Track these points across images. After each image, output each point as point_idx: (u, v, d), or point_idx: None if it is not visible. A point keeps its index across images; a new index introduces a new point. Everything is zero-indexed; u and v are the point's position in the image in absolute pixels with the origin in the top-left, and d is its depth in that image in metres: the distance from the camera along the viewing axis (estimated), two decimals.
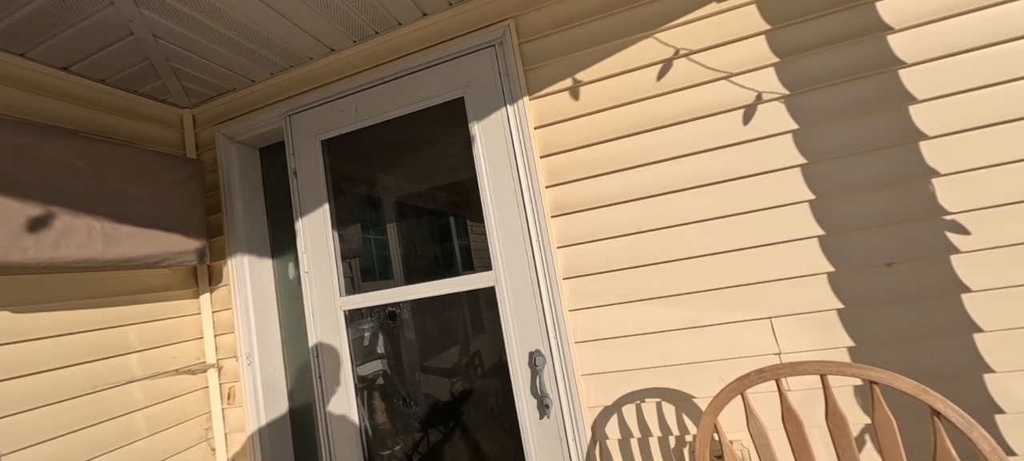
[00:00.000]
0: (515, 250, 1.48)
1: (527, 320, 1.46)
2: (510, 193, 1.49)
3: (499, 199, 1.51)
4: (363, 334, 2.01)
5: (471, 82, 1.56)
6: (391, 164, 1.92)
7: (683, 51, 1.37)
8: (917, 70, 1.20)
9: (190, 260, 1.72)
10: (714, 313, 1.33)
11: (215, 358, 1.95)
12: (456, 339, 1.80)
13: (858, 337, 1.22)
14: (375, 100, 1.68)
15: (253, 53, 1.73)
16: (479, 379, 1.77)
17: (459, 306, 1.77)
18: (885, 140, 1.21)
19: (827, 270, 1.24)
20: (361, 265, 2.05)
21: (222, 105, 2.00)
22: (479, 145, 1.54)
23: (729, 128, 1.33)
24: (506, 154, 1.50)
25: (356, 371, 1.69)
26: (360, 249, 2.09)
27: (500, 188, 1.51)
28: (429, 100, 1.62)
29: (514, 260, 1.48)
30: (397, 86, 1.66)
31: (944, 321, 1.16)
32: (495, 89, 1.52)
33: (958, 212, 1.16)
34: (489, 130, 1.53)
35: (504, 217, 1.50)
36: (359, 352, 1.91)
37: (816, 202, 1.26)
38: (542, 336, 1.44)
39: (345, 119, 1.68)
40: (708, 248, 1.34)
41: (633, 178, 1.41)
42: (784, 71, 1.29)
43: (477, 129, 1.55)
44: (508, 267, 1.49)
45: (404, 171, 1.93)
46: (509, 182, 1.49)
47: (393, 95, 1.66)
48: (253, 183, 2.04)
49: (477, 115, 1.55)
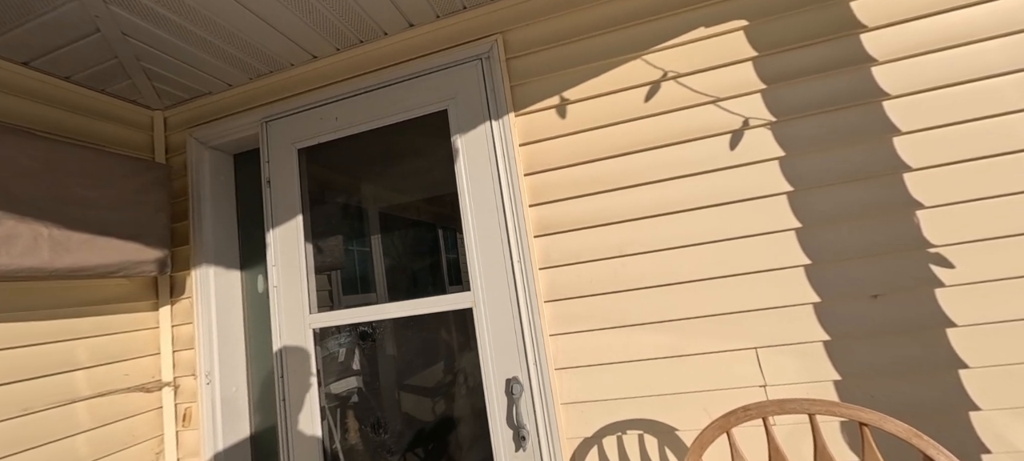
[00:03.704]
0: (495, 270, 1.42)
1: (505, 344, 1.39)
2: (492, 210, 1.44)
3: (480, 216, 1.45)
4: (337, 351, 1.91)
5: (456, 95, 1.52)
6: (371, 176, 1.86)
7: (671, 73, 1.36)
8: (901, 102, 1.20)
9: (149, 270, 1.62)
10: (699, 342, 1.29)
11: (172, 375, 1.83)
12: (432, 362, 1.72)
13: (844, 369, 1.19)
14: (356, 109, 1.62)
15: (230, 56, 1.66)
16: (454, 404, 1.69)
17: (437, 326, 1.69)
18: (870, 170, 1.20)
19: (813, 300, 1.22)
20: (340, 278, 1.97)
21: (196, 108, 1.92)
22: (461, 160, 1.49)
23: (716, 153, 1.31)
24: (489, 170, 1.45)
25: (328, 389, 1.59)
26: (341, 261, 2.01)
27: (481, 205, 1.46)
28: (412, 111, 1.57)
29: (494, 280, 1.42)
30: (380, 95, 1.61)
31: (929, 355, 1.14)
32: (480, 103, 1.49)
33: (943, 245, 1.15)
34: (472, 145, 1.49)
35: (485, 235, 1.44)
36: (331, 370, 1.81)
37: (802, 230, 1.24)
38: (520, 362, 1.37)
39: (325, 127, 1.62)
40: (693, 274, 1.30)
41: (618, 200, 1.37)
42: (771, 98, 1.28)
43: (460, 143, 1.50)
44: (487, 288, 1.43)
45: (384, 184, 1.87)
46: (491, 199, 1.44)
47: (375, 105, 1.61)
48: (225, 191, 1.95)
49: (460, 129, 1.50)
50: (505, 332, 1.40)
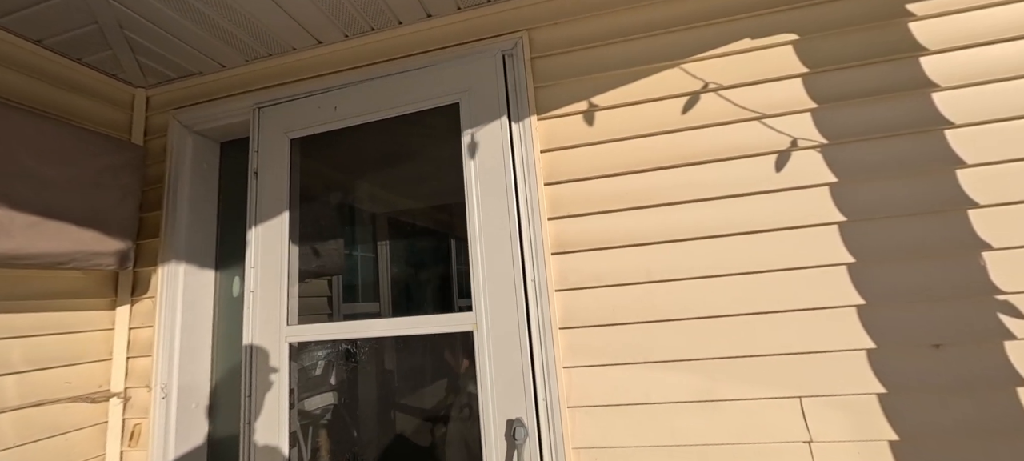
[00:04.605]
0: (503, 289, 1.26)
1: (510, 377, 1.21)
2: (503, 220, 1.28)
3: (490, 227, 1.30)
4: (314, 366, 1.70)
5: (470, 88, 1.37)
6: (371, 175, 1.70)
7: (713, 85, 1.24)
8: (965, 132, 1.10)
9: (107, 263, 1.41)
10: (734, 386, 1.13)
11: (123, 386, 1.59)
12: (423, 388, 1.53)
13: (901, 428, 1.04)
14: (358, 98, 1.46)
15: (227, 33, 1.51)
16: (446, 442, 1.49)
17: (437, 348, 1.50)
18: (932, 205, 1.09)
19: (867, 346, 1.08)
20: (341, 285, 1.78)
21: (183, 89, 1.75)
22: (472, 162, 1.34)
23: (759, 174, 1.18)
24: (503, 176, 1.30)
25: (301, 407, 1.38)
26: (340, 266, 1.83)
27: (491, 213, 1.30)
28: (420, 103, 1.41)
29: (501, 301, 1.25)
30: (384, 84, 1.45)
31: (998, 417, 1.00)
32: (497, 99, 1.34)
33: (1013, 292, 1.03)
34: (485, 145, 1.34)
35: (494, 248, 1.28)
36: (307, 385, 1.59)
37: (855, 266, 1.11)
38: (527, 398, 1.19)
39: (322, 117, 1.45)
40: (729, 308, 1.15)
41: (648, 219, 1.23)
42: (822, 118, 1.17)
43: (471, 142, 1.35)
44: (493, 309, 1.26)
45: (386, 185, 1.71)
46: (503, 207, 1.29)
47: (379, 94, 1.45)
48: (207, 181, 1.77)
49: (473, 126, 1.35)
50: (511, 362, 1.22)
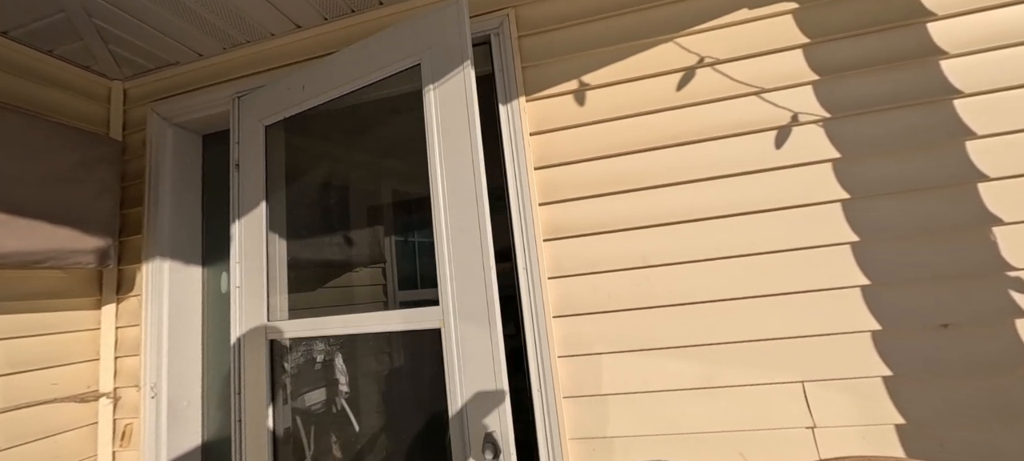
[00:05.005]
0: (472, 274, 1.06)
1: (482, 382, 1.01)
2: (470, 193, 1.09)
3: (456, 201, 1.10)
4: (312, 360, 1.65)
5: (430, 44, 1.18)
6: (342, 156, 1.62)
7: (708, 59, 1.19)
8: (975, 101, 1.04)
9: (86, 261, 1.37)
10: (735, 372, 1.09)
11: (112, 386, 1.56)
12: (422, 387, 1.48)
13: (908, 412, 1.00)
14: (323, 73, 1.34)
15: (201, 20, 1.45)
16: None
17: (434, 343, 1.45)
18: (940, 179, 1.04)
19: (872, 327, 1.03)
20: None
21: (161, 80, 1.69)
22: (434, 125, 1.14)
23: (759, 151, 1.13)
24: (467, 138, 1.10)
25: (299, 402, 1.34)
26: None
27: (458, 186, 1.10)
28: (382, 70, 1.24)
29: (471, 288, 1.06)
30: (346, 56, 1.31)
31: (1010, 399, 0.96)
32: (459, 50, 1.13)
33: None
34: (448, 104, 1.14)
35: (462, 229, 1.08)
36: (305, 381, 1.55)
37: (859, 245, 1.06)
38: (501, 409, 1.00)
39: (292, 99, 1.37)
40: (730, 292, 1.11)
41: (644, 201, 1.18)
42: (824, 91, 1.11)
43: (432, 102, 1.16)
44: (461, 299, 1.07)
45: (366, 166, 1.64)
46: (468, 175, 1.09)
47: (341, 66, 1.31)
48: (190, 174, 1.72)
49: (433, 81, 1.16)
50: (483, 364, 1.02)
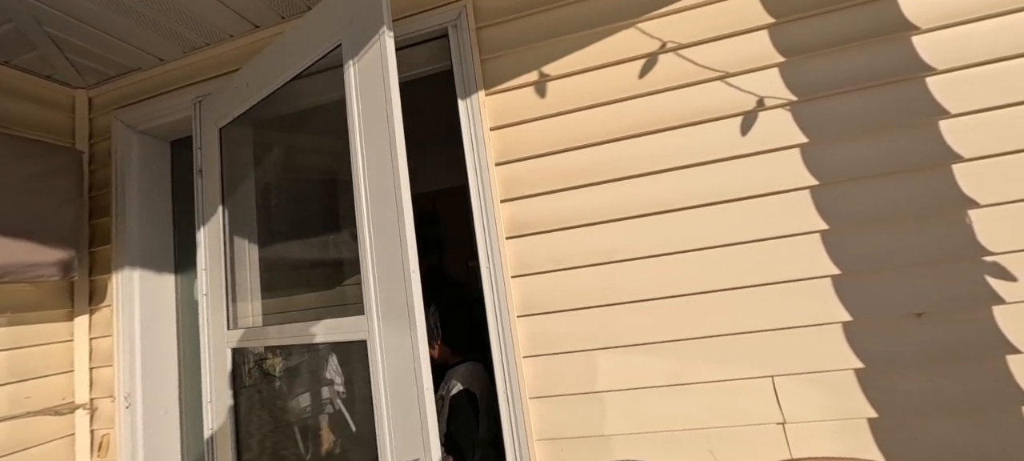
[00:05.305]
0: (395, 278, 0.92)
1: (406, 404, 0.88)
2: (388, 177, 0.94)
3: (376, 188, 0.96)
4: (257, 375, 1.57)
5: (351, 19, 1.05)
6: (298, 153, 1.56)
7: (671, 44, 1.14)
8: (949, 79, 0.99)
9: (48, 274, 1.35)
10: (703, 368, 1.06)
11: (88, 397, 1.56)
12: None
13: (881, 404, 0.97)
14: (262, 66, 1.27)
15: (158, 25, 1.41)
16: None
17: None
18: (912, 161, 0.99)
19: (842, 319, 1.00)
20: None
21: (124, 87, 1.66)
22: (355, 105, 1.02)
23: (724, 139, 1.09)
24: (385, 111, 0.95)
25: (254, 418, 1.33)
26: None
27: (377, 169, 0.96)
28: (311, 54, 1.14)
29: (395, 295, 0.91)
30: (280, 44, 1.23)
31: (987, 388, 0.93)
32: (376, 18, 0.98)
33: (1002, 252, 0.94)
34: (367, 79, 1.00)
35: (382, 218, 0.94)
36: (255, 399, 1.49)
37: (829, 233, 1.02)
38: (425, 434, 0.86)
39: (239, 97, 1.32)
40: (696, 285, 1.07)
41: (607, 194, 1.15)
42: (791, 73, 1.06)
43: (354, 81, 1.03)
44: (387, 309, 0.93)
45: (317, 163, 1.58)
46: (387, 158, 0.94)
47: (276, 56, 1.22)
48: (158, 181, 1.70)
49: (354, 57, 1.03)
50: (407, 385, 0.88)
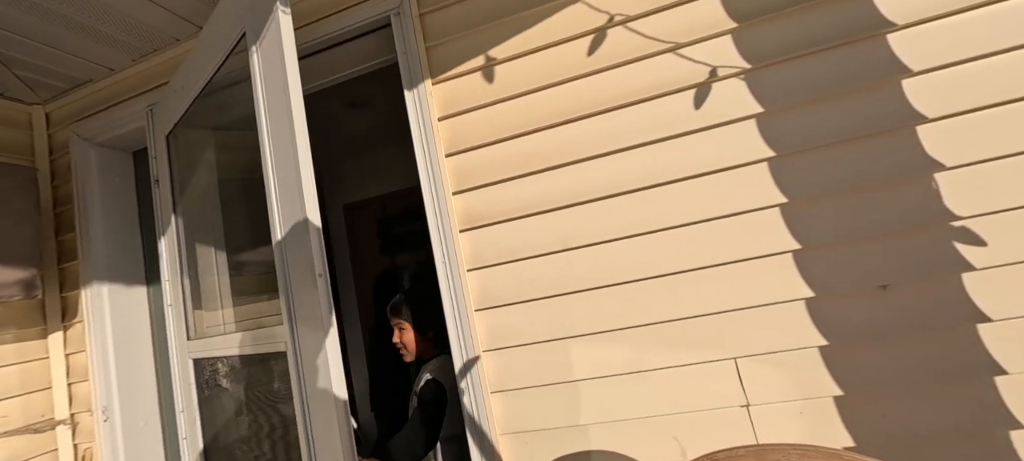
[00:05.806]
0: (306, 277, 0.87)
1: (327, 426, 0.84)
2: (291, 162, 0.88)
3: (284, 184, 0.90)
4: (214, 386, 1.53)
5: (252, 4, 0.98)
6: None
7: (619, 17, 1.08)
8: (912, 33, 0.92)
9: (9, 294, 1.35)
10: (665, 353, 1.02)
11: (68, 412, 1.57)
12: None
13: (846, 382, 0.93)
14: (193, 66, 1.22)
15: (100, 34, 1.38)
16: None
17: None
18: (874, 124, 0.93)
19: (805, 295, 0.95)
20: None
21: (80, 100, 1.64)
22: (260, 93, 0.96)
23: (678, 114, 1.03)
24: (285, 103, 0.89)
25: (219, 428, 1.32)
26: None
27: (281, 155, 0.90)
28: (223, 46, 1.08)
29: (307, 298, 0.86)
30: (199, 42, 1.17)
31: (956, 361, 0.88)
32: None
33: (970, 216, 0.89)
34: (268, 60, 0.94)
35: (292, 227, 0.89)
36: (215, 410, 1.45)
37: (788, 207, 0.97)
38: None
39: (176, 102, 1.29)
40: (652, 269, 1.04)
41: (560, 180, 1.10)
42: (744, 39, 1.00)
43: (257, 66, 0.97)
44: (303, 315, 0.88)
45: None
46: (289, 143, 0.88)
47: (201, 56, 1.17)
48: (122, 193, 1.68)
49: (255, 42, 0.97)
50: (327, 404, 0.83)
